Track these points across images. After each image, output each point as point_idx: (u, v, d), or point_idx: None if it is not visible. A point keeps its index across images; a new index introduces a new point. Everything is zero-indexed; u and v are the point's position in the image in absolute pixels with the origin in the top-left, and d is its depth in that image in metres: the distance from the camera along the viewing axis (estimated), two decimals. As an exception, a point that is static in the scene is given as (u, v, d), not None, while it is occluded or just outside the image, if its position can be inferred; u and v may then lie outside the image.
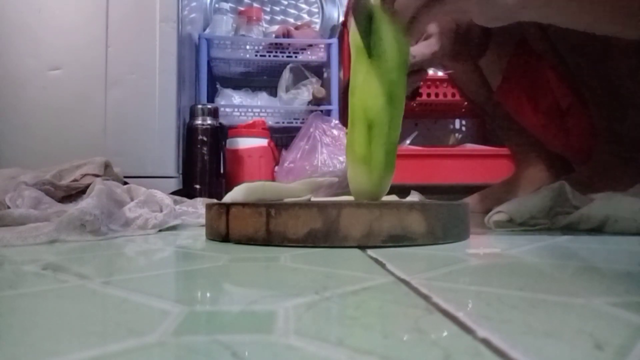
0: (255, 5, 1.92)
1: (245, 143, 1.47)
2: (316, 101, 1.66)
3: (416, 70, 0.63)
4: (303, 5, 1.97)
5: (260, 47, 1.71)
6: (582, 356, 0.14)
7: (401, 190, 0.53)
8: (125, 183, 0.79)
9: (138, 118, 1.20)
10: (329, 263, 0.32)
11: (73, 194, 0.71)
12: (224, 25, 1.74)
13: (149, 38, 1.21)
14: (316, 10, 1.98)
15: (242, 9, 1.85)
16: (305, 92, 1.69)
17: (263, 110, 1.70)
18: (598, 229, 0.51)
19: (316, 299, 0.21)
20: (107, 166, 0.79)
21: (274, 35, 1.73)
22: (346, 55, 1.78)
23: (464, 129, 1.94)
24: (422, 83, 0.69)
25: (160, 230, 0.57)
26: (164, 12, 1.22)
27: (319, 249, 0.38)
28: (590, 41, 0.58)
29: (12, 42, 1.15)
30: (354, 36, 0.45)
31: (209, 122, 1.35)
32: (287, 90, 1.71)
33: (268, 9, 1.95)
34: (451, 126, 1.94)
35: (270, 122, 1.66)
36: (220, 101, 1.67)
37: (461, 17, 0.49)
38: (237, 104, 1.70)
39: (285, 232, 0.40)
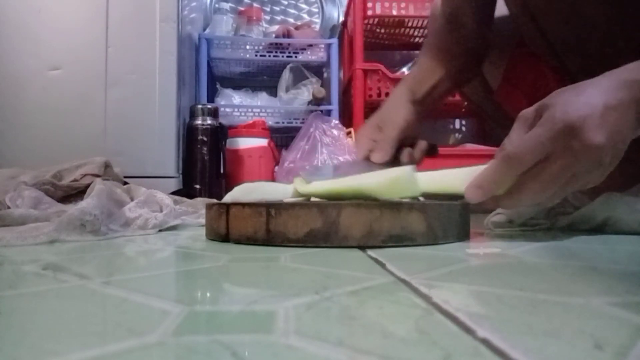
0: (255, 5, 1.92)
1: (245, 143, 1.47)
2: (316, 101, 1.66)
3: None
4: (303, 5, 1.97)
5: (260, 47, 1.71)
6: (582, 356, 0.14)
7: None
8: (125, 183, 0.79)
9: (138, 118, 1.20)
10: (329, 263, 0.32)
11: (73, 194, 0.71)
12: (224, 25, 1.73)
13: (149, 38, 1.21)
14: (316, 10, 1.98)
15: (242, 9, 1.85)
16: (305, 92, 1.69)
17: (263, 110, 1.70)
18: (598, 229, 0.51)
19: (316, 299, 0.21)
20: (107, 166, 0.79)
21: (274, 35, 1.73)
22: (346, 55, 1.78)
23: (464, 129, 1.94)
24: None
25: (160, 230, 0.57)
26: (164, 12, 1.22)
27: (319, 249, 0.38)
28: (587, 43, 0.58)
29: (12, 42, 1.15)
30: None
31: (209, 122, 1.35)
32: (287, 90, 1.71)
33: (268, 9, 1.94)
34: (451, 126, 1.94)
35: (270, 122, 1.66)
36: (220, 101, 1.67)
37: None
38: (237, 104, 1.70)
39: (285, 232, 0.40)
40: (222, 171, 1.42)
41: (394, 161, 0.60)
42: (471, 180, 0.41)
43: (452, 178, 0.43)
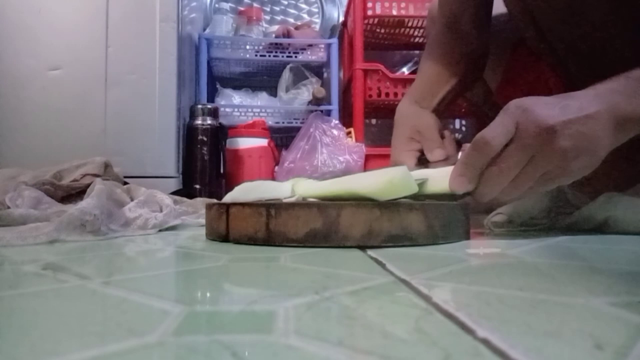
0: (255, 5, 1.92)
1: (245, 143, 1.47)
2: (316, 101, 1.65)
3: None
4: (303, 5, 1.97)
5: (260, 47, 1.71)
6: (582, 356, 0.14)
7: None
8: (125, 183, 0.79)
9: (138, 118, 1.20)
10: (329, 263, 0.32)
11: (73, 194, 0.71)
12: (224, 25, 1.73)
13: (149, 38, 1.21)
14: (316, 10, 1.98)
15: (242, 9, 1.85)
16: (305, 92, 1.69)
17: (263, 110, 1.70)
18: (598, 229, 0.51)
19: (316, 299, 0.21)
20: (107, 166, 0.79)
21: (274, 35, 1.73)
22: (346, 55, 1.78)
23: (464, 129, 1.94)
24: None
25: (160, 230, 0.57)
26: (164, 12, 1.22)
27: (319, 249, 0.38)
28: (587, 43, 0.58)
29: (12, 42, 1.15)
30: None
31: (209, 122, 1.35)
32: (287, 90, 1.71)
33: (268, 9, 1.94)
34: (451, 126, 1.94)
35: (270, 122, 1.66)
36: (220, 101, 1.67)
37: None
38: (237, 104, 1.70)
39: (285, 232, 0.40)
40: (222, 171, 1.42)
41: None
42: (451, 174, 0.43)
43: (433, 180, 0.45)
